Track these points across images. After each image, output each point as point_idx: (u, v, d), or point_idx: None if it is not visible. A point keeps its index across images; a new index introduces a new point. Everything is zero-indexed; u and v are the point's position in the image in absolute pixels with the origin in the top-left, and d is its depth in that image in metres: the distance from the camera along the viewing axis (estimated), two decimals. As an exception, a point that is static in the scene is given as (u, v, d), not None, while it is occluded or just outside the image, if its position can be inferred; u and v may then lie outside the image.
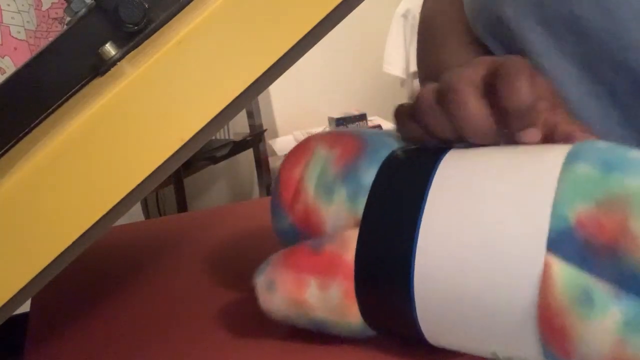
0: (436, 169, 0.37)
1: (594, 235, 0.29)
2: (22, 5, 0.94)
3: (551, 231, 0.30)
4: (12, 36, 0.94)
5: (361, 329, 0.39)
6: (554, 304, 0.30)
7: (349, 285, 0.38)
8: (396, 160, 0.39)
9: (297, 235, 0.41)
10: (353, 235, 0.38)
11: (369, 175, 0.39)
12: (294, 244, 0.41)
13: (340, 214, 0.39)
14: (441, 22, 0.62)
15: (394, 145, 0.40)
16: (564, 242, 0.30)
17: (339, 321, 0.39)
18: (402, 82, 2.63)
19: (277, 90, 2.65)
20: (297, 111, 2.73)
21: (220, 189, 2.71)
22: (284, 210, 0.42)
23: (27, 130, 0.40)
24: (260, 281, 0.41)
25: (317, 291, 0.39)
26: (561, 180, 0.31)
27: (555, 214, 0.31)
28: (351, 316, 0.38)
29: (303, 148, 0.42)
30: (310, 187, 0.41)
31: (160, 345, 0.45)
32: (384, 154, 0.40)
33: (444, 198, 0.35)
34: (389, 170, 0.39)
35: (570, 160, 0.32)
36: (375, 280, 0.37)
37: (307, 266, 0.39)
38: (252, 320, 0.46)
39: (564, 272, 0.30)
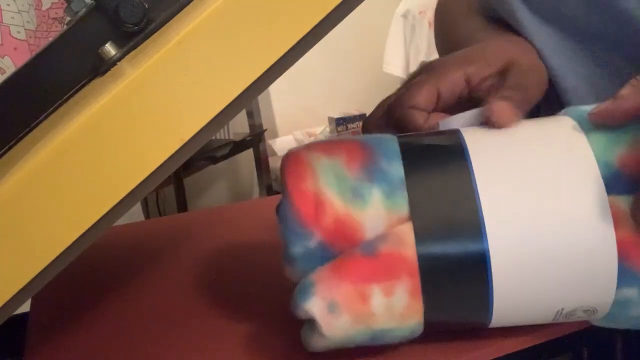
0: (464, 144, 0.38)
1: (635, 169, 0.36)
2: (22, 5, 0.94)
3: (604, 178, 0.36)
4: (12, 36, 0.94)
5: (418, 330, 0.38)
6: (629, 233, 0.36)
7: (414, 282, 0.36)
8: (415, 146, 0.40)
9: (327, 253, 0.37)
10: (406, 229, 0.37)
11: (395, 168, 0.38)
12: (317, 267, 0.37)
13: (379, 215, 0.37)
14: (452, 6, 0.65)
15: (387, 138, 0.40)
16: (616, 182, 0.36)
17: (400, 326, 0.37)
18: (402, 82, 2.63)
19: (277, 90, 2.65)
20: (297, 111, 2.73)
21: (220, 189, 2.70)
22: (308, 229, 0.37)
23: (27, 130, 0.40)
24: (317, 306, 0.37)
25: (383, 299, 0.36)
26: (590, 138, 0.38)
27: (601, 164, 0.37)
28: (413, 317, 0.37)
29: (298, 163, 0.39)
30: (334, 197, 0.37)
31: (160, 344, 0.45)
32: (392, 146, 0.39)
33: (490, 167, 0.37)
34: (415, 156, 0.39)
35: (582, 122, 0.39)
36: (446, 265, 0.36)
37: (367, 274, 0.36)
38: (252, 320, 0.46)
39: (625, 204, 0.36)
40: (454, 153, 0.38)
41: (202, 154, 2.13)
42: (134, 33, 0.39)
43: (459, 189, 0.37)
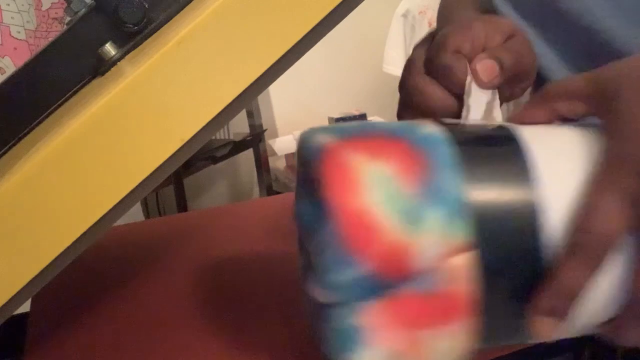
0: (524, 158, 0.34)
1: None
2: (22, 5, 0.94)
3: None
4: (12, 36, 0.94)
5: None
6: None
7: (475, 321, 0.33)
8: (473, 156, 0.34)
9: (374, 283, 0.32)
10: (466, 262, 0.32)
11: (454, 186, 0.32)
12: (360, 298, 0.32)
13: (435, 242, 0.32)
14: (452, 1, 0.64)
15: (438, 138, 0.34)
16: None
17: None
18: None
19: (277, 90, 2.65)
20: (297, 111, 2.72)
21: (220, 189, 2.70)
22: (355, 257, 0.31)
23: (27, 130, 0.40)
24: (371, 357, 0.32)
25: (442, 343, 0.32)
26: None
27: None
28: (466, 356, 0.34)
29: (342, 169, 0.32)
30: (388, 219, 0.31)
31: (160, 344, 0.45)
32: (446, 152, 0.33)
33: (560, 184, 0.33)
34: (475, 170, 0.33)
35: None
36: (510, 306, 0.33)
37: (426, 316, 0.32)
38: (252, 320, 0.46)
39: None
40: (520, 175, 0.33)
41: (202, 154, 2.13)
42: (134, 33, 0.39)
43: (528, 220, 0.32)
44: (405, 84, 0.43)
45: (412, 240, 0.31)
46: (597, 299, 0.33)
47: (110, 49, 0.39)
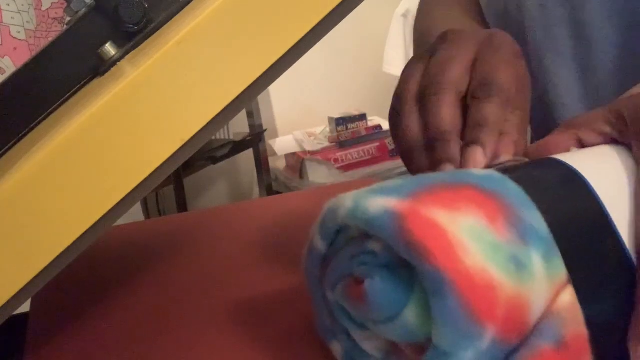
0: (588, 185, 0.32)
1: None
2: (22, 5, 0.94)
3: None
4: (12, 36, 0.94)
5: None
6: None
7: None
8: (537, 188, 0.32)
9: (498, 351, 0.29)
10: (571, 299, 0.30)
11: (539, 221, 0.30)
12: None
13: (542, 286, 0.29)
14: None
15: (499, 178, 0.33)
16: None
17: None
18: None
19: (277, 90, 2.65)
20: (297, 111, 2.73)
21: (220, 189, 2.70)
22: (483, 327, 0.28)
23: (27, 130, 0.40)
24: None
25: None
26: None
27: None
28: None
29: (435, 230, 0.29)
30: (502, 275, 0.28)
31: (160, 344, 0.45)
32: (515, 188, 0.31)
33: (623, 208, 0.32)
34: (547, 202, 0.31)
35: None
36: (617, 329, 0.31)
37: None
38: (252, 320, 0.46)
39: None
40: (583, 194, 0.32)
41: (202, 154, 2.13)
42: (134, 33, 0.39)
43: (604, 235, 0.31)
44: (395, 110, 0.43)
45: (525, 290, 0.29)
46: None
47: (110, 49, 0.39)
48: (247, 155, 2.47)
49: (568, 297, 0.30)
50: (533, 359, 0.29)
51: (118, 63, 0.39)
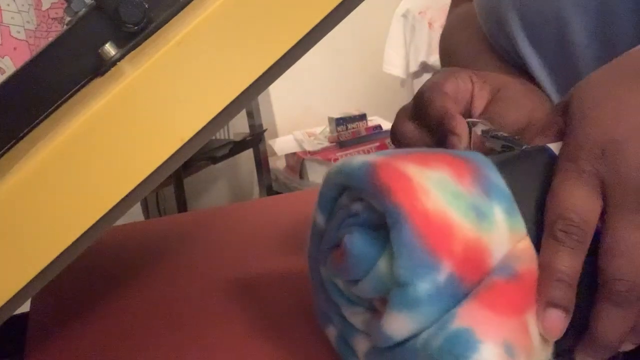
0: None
1: None
2: (22, 5, 0.94)
3: None
4: (12, 36, 0.94)
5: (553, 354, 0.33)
6: None
7: None
8: (505, 158, 0.36)
9: (456, 288, 0.31)
10: (528, 245, 0.33)
11: (501, 182, 0.33)
12: (444, 309, 0.31)
13: (503, 236, 0.32)
14: (458, 40, 0.63)
15: (473, 152, 0.37)
16: None
17: (547, 354, 0.33)
18: (402, 82, 2.62)
19: (277, 90, 2.65)
20: (297, 111, 2.73)
21: (220, 189, 2.70)
22: (439, 260, 0.30)
23: (27, 130, 0.40)
24: (494, 354, 0.30)
25: (536, 326, 0.32)
26: None
27: None
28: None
29: (401, 177, 0.32)
30: (462, 219, 0.31)
31: (160, 345, 0.45)
32: (484, 158, 0.35)
33: None
34: (511, 168, 0.35)
35: None
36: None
37: (519, 301, 0.32)
38: (252, 320, 0.46)
39: None
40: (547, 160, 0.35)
41: (202, 154, 2.13)
42: (134, 33, 0.39)
43: None
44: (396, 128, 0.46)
45: (486, 237, 0.32)
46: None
47: (110, 49, 0.39)
48: (247, 155, 2.47)
49: (525, 243, 0.33)
50: (486, 291, 0.31)
51: (118, 63, 0.39)
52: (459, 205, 0.31)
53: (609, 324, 0.32)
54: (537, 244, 0.33)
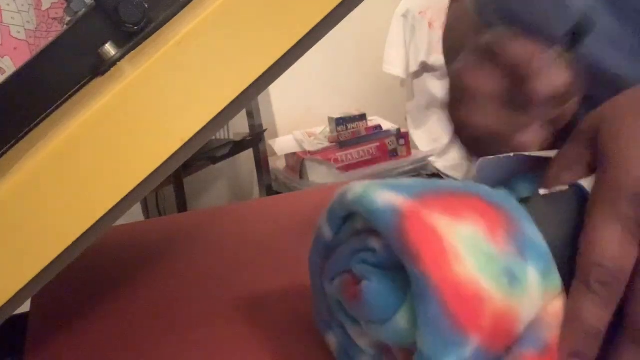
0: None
1: None
2: (22, 5, 0.94)
3: None
4: (12, 36, 0.94)
5: None
6: None
7: None
8: (538, 202, 0.33)
9: (481, 359, 0.29)
10: (559, 306, 0.31)
11: (541, 240, 0.31)
12: None
13: (534, 300, 0.30)
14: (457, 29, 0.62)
15: (504, 194, 0.34)
16: None
17: None
18: (402, 82, 2.62)
19: (277, 90, 2.65)
20: (297, 111, 2.72)
21: (220, 189, 2.70)
22: (467, 336, 0.28)
23: (27, 130, 0.40)
24: None
25: None
26: None
27: None
28: None
29: (430, 234, 0.29)
30: (493, 287, 0.28)
31: (159, 345, 0.45)
32: (517, 204, 0.32)
33: None
34: (545, 217, 0.32)
35: None
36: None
37: None
38: (251, 320, 0.46)
39: None
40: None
41: (202, 154, 2.13)
42: (134, 33, 0.39)
43: None
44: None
45: (516, 303, 0.29)
46: None
47: (110, 49, 0.39)
48: (247, 155, 2.47)
49: (557, 305, 0.31)
50: None
51: (118, 63, 0.39)
52: (491, 271, 0.29)
53: None
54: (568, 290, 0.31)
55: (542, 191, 0.34)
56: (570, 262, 0.31)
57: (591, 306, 0.30)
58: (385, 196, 0.31)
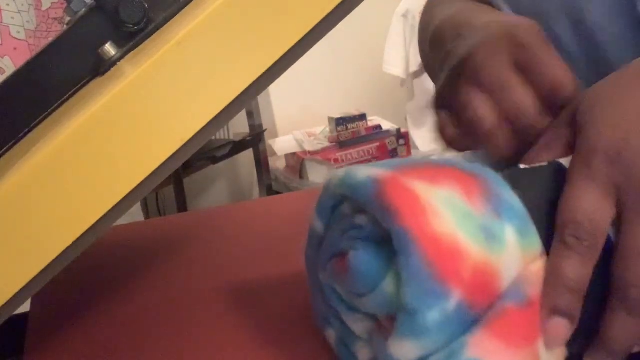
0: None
1: None
2: (22, 5, 0.94)
3: None
4: (12, 36, 0.94)
5: None
6: None
7: None
8: (514, 173, 0.35)
9: (465, 315, 0.30)
10: (541, 265, 0.32)
11: (516, 200, 0.32)
12: (453, 336, 0.30)
13: (514, 258, 0.31)
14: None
15: (482, 166, 0.35)
16: None
17: None
18: (402, 82, 2.62)
19: (277, 90, 2.65)
20: (297, 111, 2.72)
21: (220, 189, 2.70)
22: (449, 289, 0.29)
23: (27, 130, 0.40)
24: None
25: (548, 353, 0.31)
26: None
27: None
28: (564, 356, 0.32)
29: (410, 196, 0.31)
30: (471, 242, 0.30)
31: (159, 345, 0.45)
32: (495, 174, 0.34)
33: None
34: (522, 183, 0.33)
35: None
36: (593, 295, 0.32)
37: (529, 329, 0.31)
38: (251, 320, 0.46)
39: None
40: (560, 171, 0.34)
41: (202, 154, 2.13)
42: (134, 33, 0.39)
43: None
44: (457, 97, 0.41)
45: (496, 259, 0.30)
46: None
47: (110, 49, 0.39)
48: (247, 155, 2.47)
49: (538, 264, 0.32)
50: (498, 319, 0.30)
51: (118, 63, 0.39)
52: (468, 227, 0.30)
53: (621, 330, 0.32)
54: None
55: (521, 166, 0.36)
56: (549, 228, 0.32)
57: (569, 262, 0.31)
58: (365, 171, 0.33)
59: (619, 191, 0.32)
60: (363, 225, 0.33)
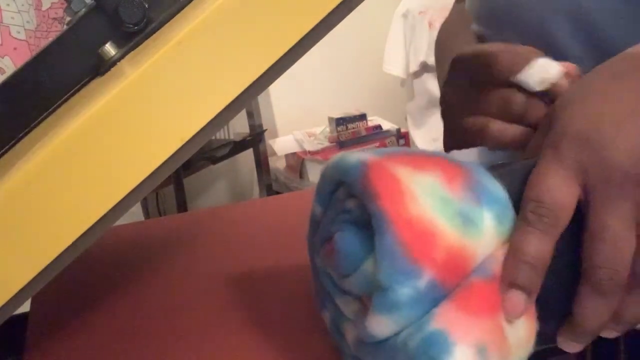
0: None
1: None
2: (22, 5, 0.95)
3: None
4: (12, 36, 0.94)
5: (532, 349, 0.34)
6: None
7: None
8: (498, 166, 0.36)
9: (436, 293, 0.31)
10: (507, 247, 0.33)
11: (498, 187, 0.34)
12: (423, 312, 0.31)
13: (490, 243, 0.33)
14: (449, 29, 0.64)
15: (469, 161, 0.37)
16: None
17: (525, 351, 0.33)
18: (402, 82, 2.62)
19: (277, 90, 2.65)
20: (297, 111, 2.73)
21: (220, 189, 2.70)
22: (420, 267, 0.31)
23: (27, 130, 0.40)
24: (466, 356, 0.30)
25: (510, 325, 0.32)
26: None
27: None
28: (532, 335, 0.33)
29: (389, 179, 0.32)
30: (445, 225, 0.31)
31: (160, 344, 0.45)
32: (476, 164, 0.35)
33: None
34: (505, 174, 0.35)
35: None
36: (558, 276, 0.33)
37: (494, 301, 0.32)
38: (251, 320, 0.46)
39: None
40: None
41: (202, 154, 2.13)
42: (134, 33, 0.39)
43: None
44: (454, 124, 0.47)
45: (470, 242, 0.32)
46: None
47: (110, 49, 0.39)
48: (247, 155, 2.47)
49: (506, 246, 0.33)
50: (462, 292, 0.32)
51: (118, 63, 0.39)
52: (445, 211, 0.32)
53: (591, 310, 0.33)
54: None
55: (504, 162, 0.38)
56: None
57: (528, 237, 0.32)
58: (357, 155, 0.34)
59: (586, 175, 0.33)
60: (352, 209, 0.35)
